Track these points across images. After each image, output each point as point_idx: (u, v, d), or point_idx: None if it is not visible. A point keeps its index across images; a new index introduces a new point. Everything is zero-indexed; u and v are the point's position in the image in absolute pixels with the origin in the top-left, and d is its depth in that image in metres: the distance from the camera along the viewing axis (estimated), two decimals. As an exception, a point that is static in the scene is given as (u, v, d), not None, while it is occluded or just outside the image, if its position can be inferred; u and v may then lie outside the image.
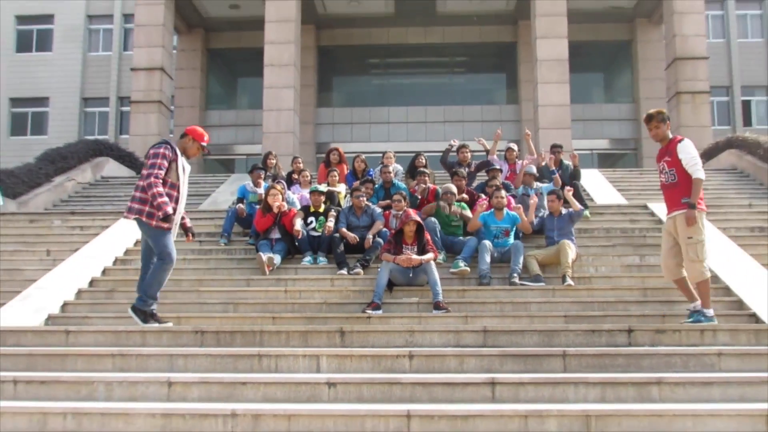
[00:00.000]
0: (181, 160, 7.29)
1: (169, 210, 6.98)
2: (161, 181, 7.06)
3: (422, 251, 8.96)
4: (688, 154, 7.13)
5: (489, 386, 5.43)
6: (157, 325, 7.14)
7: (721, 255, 9.80)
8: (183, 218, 7.66)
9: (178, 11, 26.08)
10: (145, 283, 7.26)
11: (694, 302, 7.24)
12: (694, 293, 7.28)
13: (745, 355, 5.94)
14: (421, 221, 9.22)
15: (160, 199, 6.96)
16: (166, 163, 7.10)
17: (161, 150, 7.15)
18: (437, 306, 8.32)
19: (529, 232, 10.34)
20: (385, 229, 10.17)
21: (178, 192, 7.23)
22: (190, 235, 7.91)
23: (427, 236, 9.21)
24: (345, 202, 11.31)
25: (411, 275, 8.98)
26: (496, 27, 28.09)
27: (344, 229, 10.16)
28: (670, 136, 7.40)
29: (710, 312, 7.13)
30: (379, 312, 8.27)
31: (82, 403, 5.37)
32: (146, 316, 7.14)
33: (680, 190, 7.13)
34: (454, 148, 13.05)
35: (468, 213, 10.53)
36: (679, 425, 4.89)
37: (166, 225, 7.08)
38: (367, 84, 29.85)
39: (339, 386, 5.48)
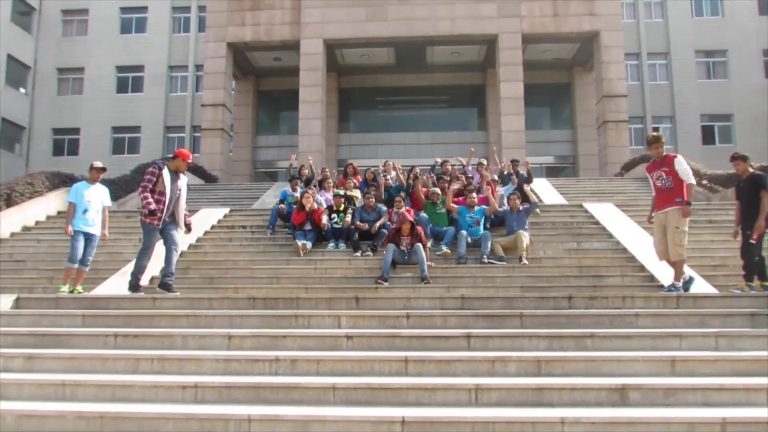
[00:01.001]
0: (168, 174, 7.45)
1: (152, 207, 7.25)
2: (149, 189, 7.36)
3: (415, 239, 8.96)
4: (682, 166, 7.17)
5: (465, 339, 5.43)
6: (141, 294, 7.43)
7: (637, 241, 9.77)
8: (187, 215, 7.82)
9: (236, 63, 26.04)
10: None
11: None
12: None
13: (655, 315, 5.93)
14: (413, 221, 9.30)
15: (144, 201, 7.34)
16: (153, 178, 7.37)
17: (150, 169, 7.50)
18: (423, 279, 8.45)
19: (495, 210, 10.32)
20: (388, 222, 10.15)
21: (166, 197, 7.37)
22: (187, 229, 7.94)
23: (420, 229, 9.18)
24: (359, 203, 11.28)
25: (406, 257, 8.95)
26: (470, 73, 27.96)
27: (358, 222, 10.15)
28: (664, 153, 7.38)
29: (679, 283, 7.17)
30: (387, 284, 8.28)
31: (164, 351, 5.38)
32: (136, 288, 7.50)
33: (674, 193, 7.15)
34: (438, 164, 13.08)
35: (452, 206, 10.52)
36: (607, 368, 4.89)
37: (155, 221, 7.35)
38: (375, 116, 29.73)
39: (355, 338, 5.48)
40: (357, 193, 11.90)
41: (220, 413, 4.25)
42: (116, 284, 8.41)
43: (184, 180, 7.69)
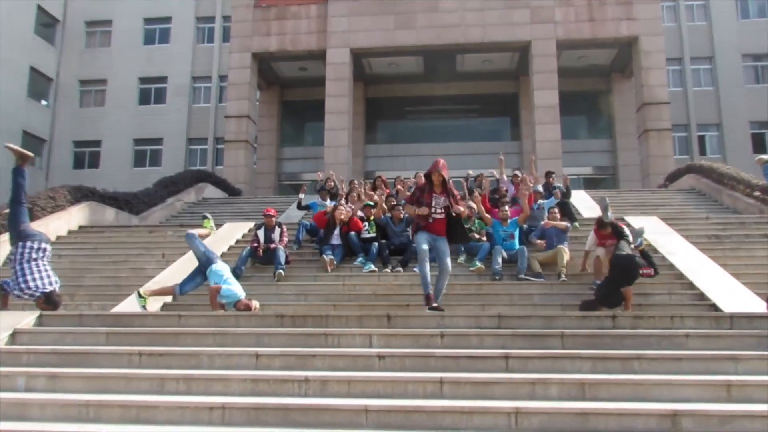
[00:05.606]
0: (263, 231, 10.38)
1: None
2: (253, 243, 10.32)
3: (450, 199, 7.44)
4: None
5: (503, 359, 5.38)
6: None
7: (686, 257, 9.59)
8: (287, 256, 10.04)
9: (261, 73, 26.39)
10: None
11: None
12: None
13: (707, 336, 5.79)
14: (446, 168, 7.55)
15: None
16: (254, 237, 10.47)
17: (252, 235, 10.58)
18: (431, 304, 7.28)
19: (527, 216, 10.20)
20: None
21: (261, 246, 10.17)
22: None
23: (452, 188, 7.65)
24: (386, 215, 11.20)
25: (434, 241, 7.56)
26: (502, 81, 27.91)
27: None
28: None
29: None
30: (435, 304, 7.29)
31: (190, 370, 5.42)
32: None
33: None
34: (472, 177, 13.20)
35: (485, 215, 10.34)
36: (656, 393, 4.80)
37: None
38: (403, 126, 29.81)
39: (387, 358, 5.46)
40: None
41: (249, 436, 4.26)
42: (139, 301, 8.51)
43: (277, 231, 10.24)
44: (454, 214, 7.37)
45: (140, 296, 7.99)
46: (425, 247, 7.33)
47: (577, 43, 24.26)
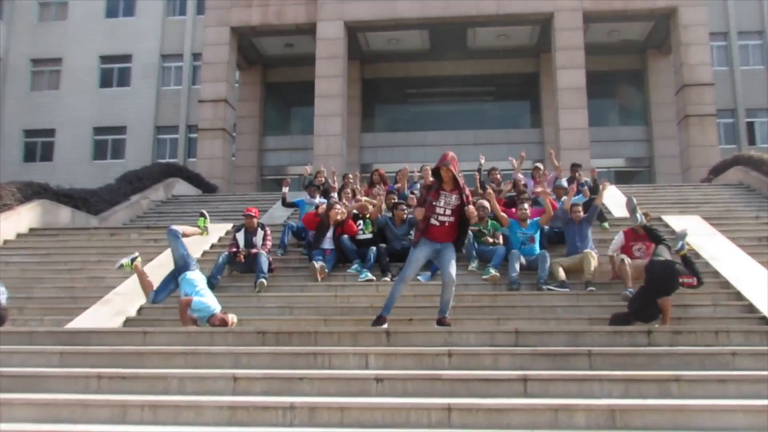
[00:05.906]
0: (243, 234, 10.30)
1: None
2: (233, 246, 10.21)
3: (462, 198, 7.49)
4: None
5: (521, 382, 5.39)
6: None
7: (732, 262, 9.59)
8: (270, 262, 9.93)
9: (240, 50, 26.41)
10: None
11: None
12: None
13: (758, 354, 5.79)
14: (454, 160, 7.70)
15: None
16: (233, 242, 10.32)
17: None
18: (439, 321, 7.45)
19: (550, 218, 10.11)
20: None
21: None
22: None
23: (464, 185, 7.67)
24: (385, 212, 11.18)
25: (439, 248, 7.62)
26: (520, 60, 27.94)
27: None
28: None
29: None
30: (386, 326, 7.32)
31: (157, 396, 5.41)
32: None
33: None
34: (482, 163, 13.45)
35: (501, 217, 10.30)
36: (697, 420, 4.80)
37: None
38: (405, 111, 29.83)
39: (386, 381, 5.46)
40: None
41: (225, 472, 4.26)
42: (99, 315, 8.50)
43: (260, 234, 10.14)
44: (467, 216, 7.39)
45: (132, 262, 8.20)
46: (412, 270, 7.54)
47: (607, 16, 24.24)
